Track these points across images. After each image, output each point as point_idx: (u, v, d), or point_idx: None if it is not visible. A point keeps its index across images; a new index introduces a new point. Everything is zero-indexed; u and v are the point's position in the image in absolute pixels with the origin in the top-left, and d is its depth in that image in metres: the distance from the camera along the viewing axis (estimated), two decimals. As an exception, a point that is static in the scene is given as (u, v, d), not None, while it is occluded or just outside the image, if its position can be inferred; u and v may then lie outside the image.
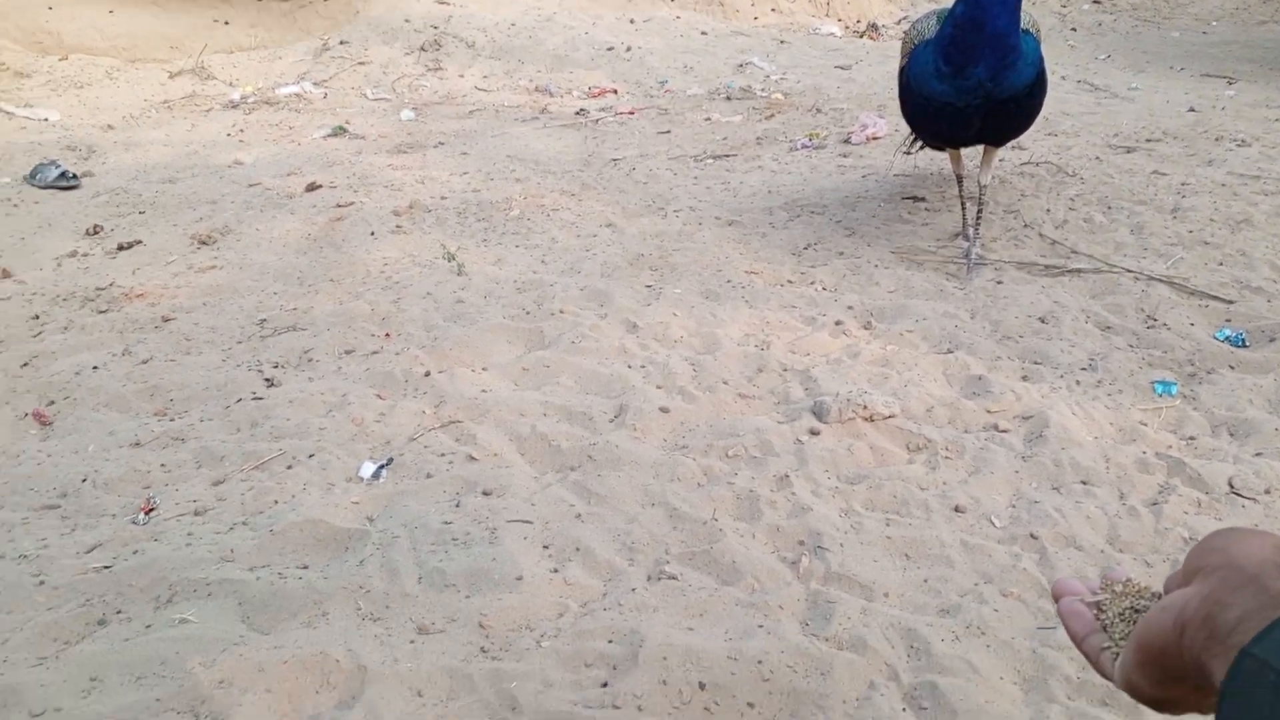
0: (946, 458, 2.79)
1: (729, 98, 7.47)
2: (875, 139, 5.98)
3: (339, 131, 6.58)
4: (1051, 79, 4.74)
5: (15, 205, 5.11)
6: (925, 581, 2.30)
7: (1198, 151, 5.42)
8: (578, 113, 7.12)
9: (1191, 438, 2.88)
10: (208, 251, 4.46)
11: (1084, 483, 2.66)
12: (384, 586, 2.23)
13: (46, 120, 6.91)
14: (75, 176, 5.49)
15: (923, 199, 4.81)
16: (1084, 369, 3.25)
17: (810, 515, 2.51)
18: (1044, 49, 4.03)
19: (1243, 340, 3.38)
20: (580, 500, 2.59)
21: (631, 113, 7.07)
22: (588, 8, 9.92)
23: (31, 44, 8.26)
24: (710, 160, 5.74)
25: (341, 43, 8.74)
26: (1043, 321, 3.56)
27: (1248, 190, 4.69)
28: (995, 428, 2.92)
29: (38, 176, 5.44)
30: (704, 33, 9.41)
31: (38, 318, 3.80)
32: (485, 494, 2.60)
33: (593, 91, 7.87)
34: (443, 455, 2.81)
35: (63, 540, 2.45)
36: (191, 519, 2.54)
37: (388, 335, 3.59)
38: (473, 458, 2.79)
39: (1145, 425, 2.95)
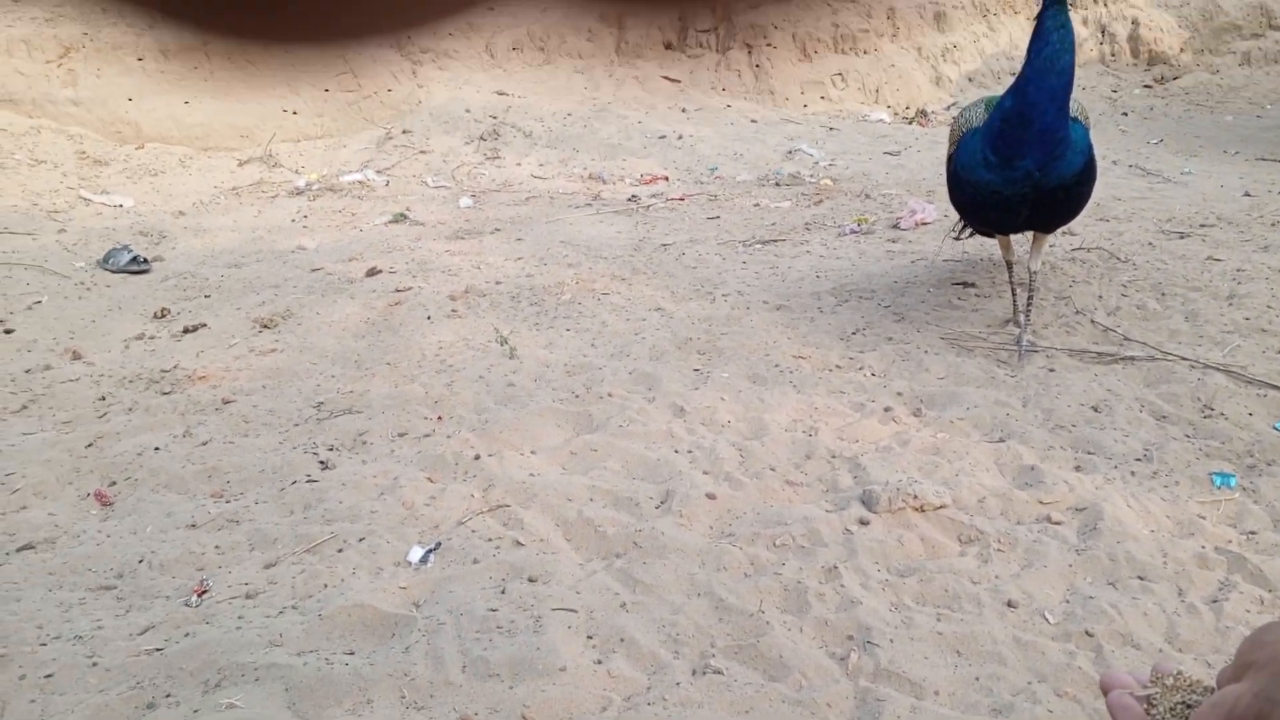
0: (999, 550, 2.74)
1: (778, 184, 7.57)
2: (924, 224, 6.01)
3: (399, 218, 6.77)
4: (1103, 164, 4.76)
5: (88, 289, 5.32)
6: (977, 679, 2.25)
7: (1253, 237, 5.36)
8: (629, 199, 7.26)
9: (1252, 532, 2.80)
10: (269, 335, 4.59)
11: (1141, 578, 2.60)
12: (428, 675, 2.24)
13: (121, 206, 7.21)
14: (146, 261, 5.71)
15: (973, 284, 4.81)
16: (1139, 459, 3.19)
17: (859, 609, 2.48)
18: (1094, 134, 4.06)
19: (1305, 431, 3.30)
20: (625, 589, 2.59)
21: (682, 199, 7.19)
22: (641, 97, 10.18)
23: (111, 134, 8.67)
24: (759, 245, 5.80)
25: (404, 132, 9.05)
26: (1096, 410, 3.51)
27: (1307, 276, 4.62)
28: (1048, 519, 2.87)
29: (110, 261, 5.67)
30: (754, 121, 9.58)
31: (104, 399, 3.92)
32: (530, 581, 2.61)
33: (644, 178, 8.03)
34: (490, 540, 2.83)
35: (117, 621, 2.50)
36: (243, 602, 2.58)
37: (440, 418, 3.65)
38: (519, 543, 2.81)
39: (1203, 518, 2.88)
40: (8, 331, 4.63)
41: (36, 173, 7.59)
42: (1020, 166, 3.70)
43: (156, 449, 3.46)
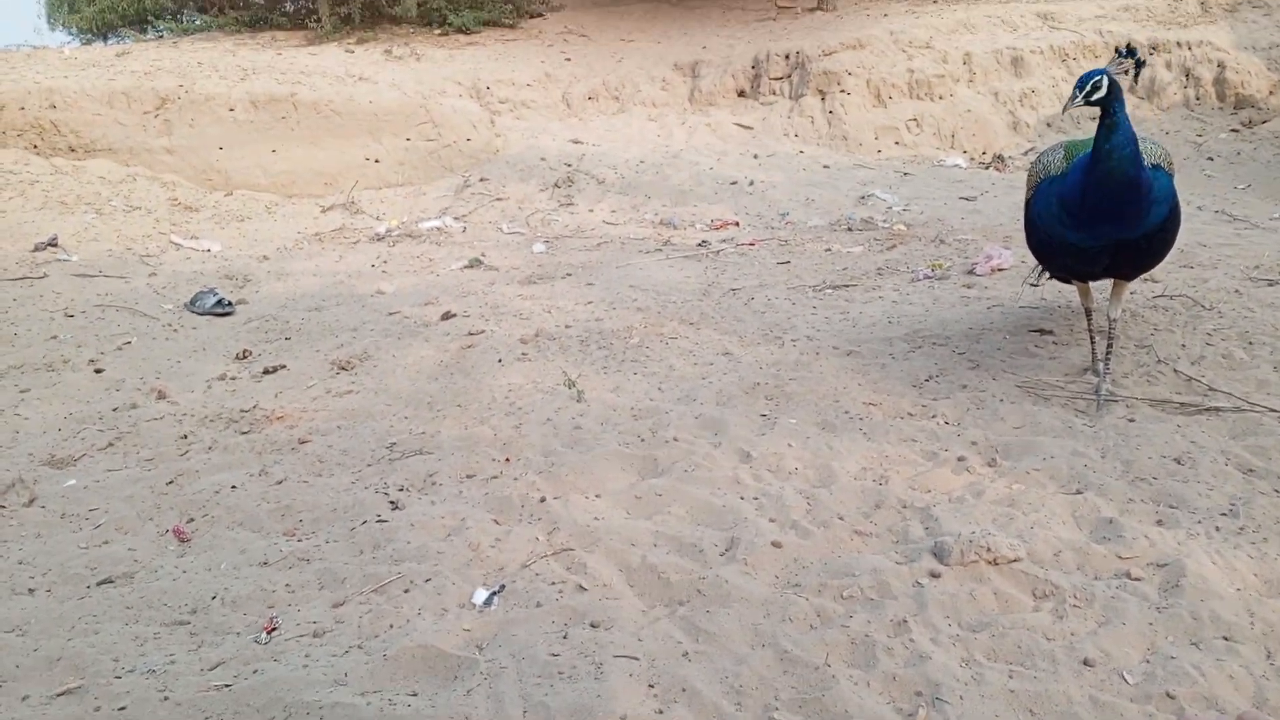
0: (1075, 606, 2.65)
1: (850, 229, 7.53)
2: (1000, 270, 5.92)
3: (475, 263, 6.91)
4: (1187, 209, 4.63)
5: (175, 330, 5.52)
6: (1050, 741, 2.17)
7: (1349, 284, 5.15)
8: (699, 244, 7.29)
9: (1350, 594, 2.66)
10: (346, 377, 4.70)
11: (1226, 639, 2.48)
12: (489, 718, 2.24)
13: (209, 251, 7.49)
14: (231, 304, 5.91)
15: (1050, 332, 4.71)
16: (1224, 514, 3.06)
17: (929, 664, 2.41)
18: (1178, 180, 3.97)
19: (1406, 488, 3.13)
20: (688, 638, 2.56)
21: (752, 244, 7.20)
22: (713, 144, 10.26)
23: (202, 181, 9.04)
24: (829, 290, 5.77)
25: (481, 180, 9.25)
26: (1178, 463, 3.39)
27: (1407, 325, 4.41)
28: (1128, 575, 2.77)
29: (197, 304, 5.87)
30: (826, 166, 9.58)
31: (186, 437, 4.05)
32: (593, 626, 2.60)
33: (715, 224, 8.06)
34: (553, 584, 2.83)
35: (189, 656, 2.55)
36: (310, 640, 2.62)
37: (508, 460, 3.68)
38: (582, 587, 2.80)
39: (1296, 578, 2.74)
40: (98, 371, 4.82)
41: (131, 218, 7.93)
42: (1099, 230, 3.66)
43: (233, 487, 3.55)
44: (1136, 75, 3.77)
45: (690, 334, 5.05)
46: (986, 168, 9.99)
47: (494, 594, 2.80)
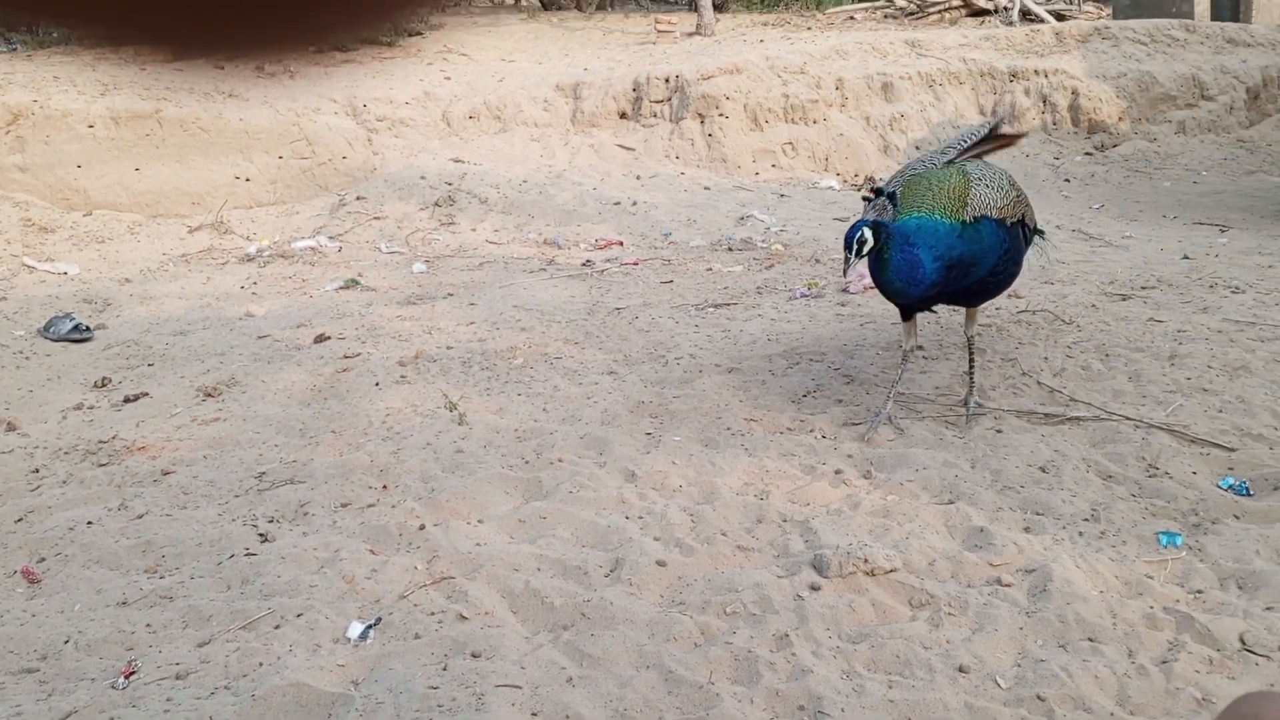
0: (950, 614, 2.71)
1: (730, 249, 7.64)
2: (872, 289, 6.07)
3: (351, 284, 6.73)
4: (1046, 228, 4.84)
5: (27, 358, 5.20)
6: (928, 749, 2.21)
7: (1192, 299, 5.48)
8: (584, 264, 7.28)
9: (1199, 591, 2.80)
10: (213, 404, 4.50)
11: (1091, 640, 2.58)
12: (364, 756, 2.15)
13: (66, 274, 7.10)
14: (89, 329, 5.61)
15: (920, 347, 4.85)
16: (1086, 520, 3.20)
17: (811, 678, 2.43)
18: (1038, 200, 4.16)
19: (1246, 489, 3.33)
20: (572, 662, 2.52)
21: (636, 263, 7.23)
22: (596, 165, 10.28)
23: (58, 200, 8.56)
24: (711, 309, 5.83)
25: (358, 198, 9.04)
26: (1043, 471, 3.53)
27: (1244, 337, 4.71)
28: (999, 582, 2.86)
29: (51, 329, 5.55)
30: (707, 188, 9.71)
31: (38, 471, 3.81)
32: (474, 656, 2.54)
33: (599, 243, 8.07)
34: (433, 614, 2.75)
35: (37, 707, 2.38)
36: (173, 683, 2.48)
37: (385, 487, 3.57)
38: (463, 616, 2.74)
39: (1151, 578, 2.88)
40: (-60, 403, 4.50)
41: (-21, 240, 7.46)
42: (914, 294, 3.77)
43: (90, 523, 3.35)
44: (894, 206, 3.81)
45: (575, 354, 5.02)
46: (858, 190, 10.29)
47: (370, 627, 2.70)
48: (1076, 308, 5.36)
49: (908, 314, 4.01)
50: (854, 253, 3.54)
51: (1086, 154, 11.42)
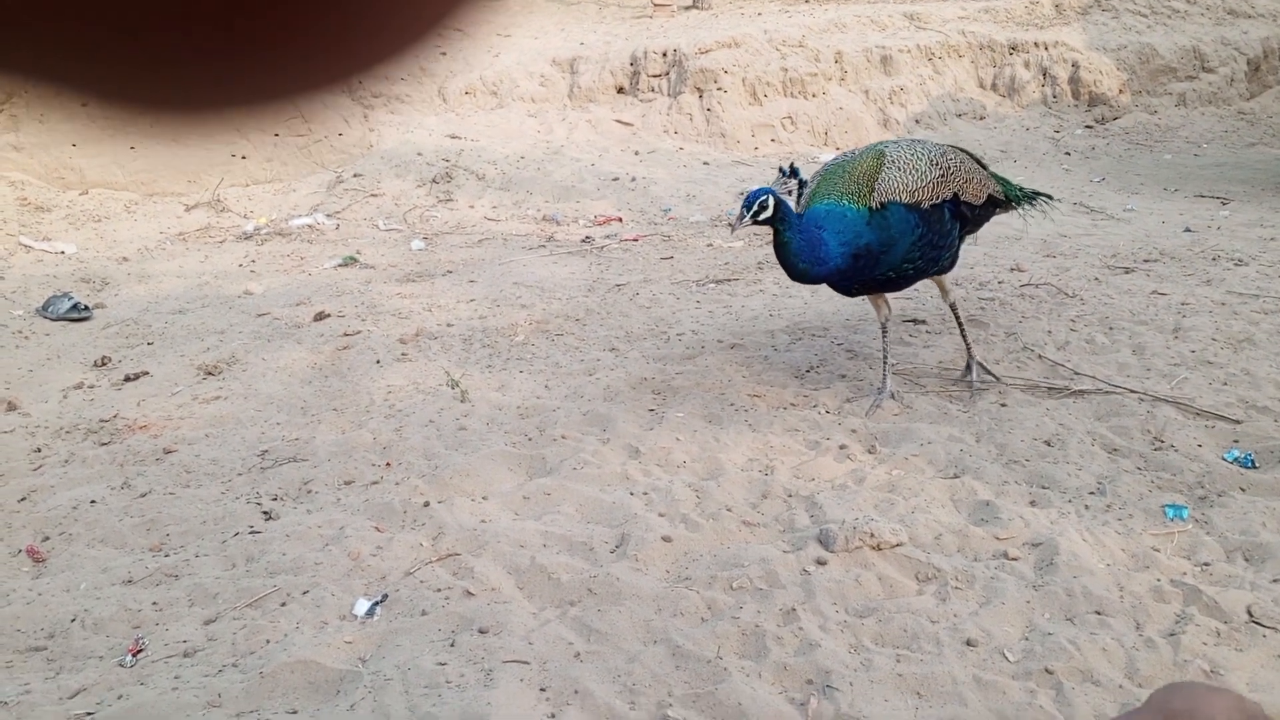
0: (956, 588, 2.71)
1: (730, 224, 7.60)
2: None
3: (350, 261, 6.69)
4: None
5: (26, 338, 5.17)
6: (938, 722, 2.21)
7: (1195, 271, 5.46)
8: (583, 240, 7.25)
9: (1206, 564, 2.80)
10: (213, 382, 4.48)
11: (1098, 613, 2.58)
12: (374, 732, 2.15)
13: (63, 253, 7.05)
14: (87, 308, 5.58)
15: (924, 321, 4.84)
16: (1092, 493, 3.20)
17: (818, 652, 2.43)
18: (1038, 173, 4.13)
19: (1252, 461, 3.33)
20: (580, 638, 2.52)
21: (636, 240, 7.19)
22: (594, 140, 10.22)
23: (54, 179, 8.51)
24: (713, 285, 5.80)
25: (355, 175, 8.98)
26: (1048, 444, 3.52)
27: (1247, 309, 4.70)
28: (1005, 555, 2.86)
29: (50, 309, 5.52)
30: (706, 163, 9.65)
31: (39, 451, 3.79)
32: (481, 632, 2.53)
33: (598, 220, 8.03)
34: (439, 590, 2.75)
35: (46, 685, 2.38)
36: (180, 660, 2.47)
37: (388, 465, 3.56)
38: (470, 593, 2.73)
39: (1158, 551, 2.88)
40: (-61, 383, 4.47)
41: (-25, 220, 7.41)
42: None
43: (93, 502, 3.34)
44: (800, 192, 3.82)
45: (576, 330, 5.00)
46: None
47: (376, 604, 2.70)
48: (1079, 281, 5.34)
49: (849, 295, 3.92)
50: (750, 214, 3.48)
51: (1087, 127, 11.37)
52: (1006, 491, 3.22)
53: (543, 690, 2.31)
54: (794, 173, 3.86)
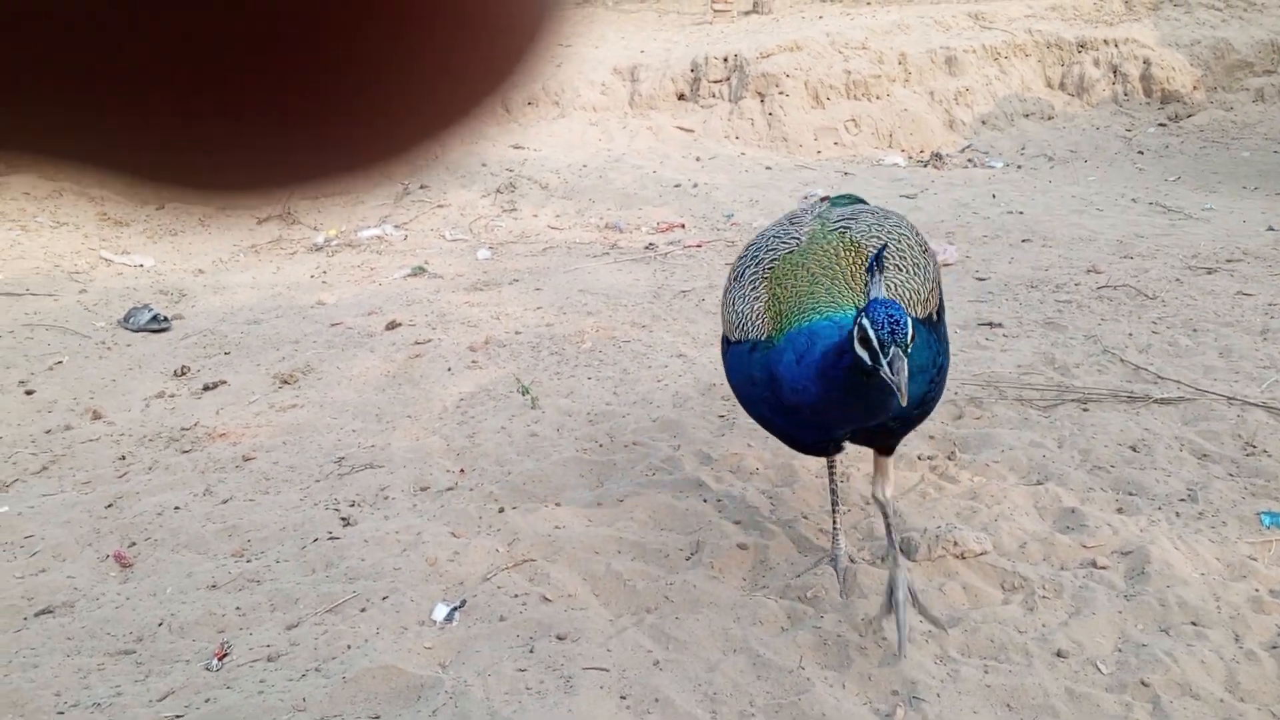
0: (1044, 597, 2.64)
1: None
2: (946, 265, 5.96)
3: (418, 271, 6.77)
4: (1120, 202, 4.69)
5: (109, 348, 5.31)
6: (1030, 735, 2.15)
7: (1283, 271, 5.28)
8: (646, 247, 7.25)
9: (1309, 574, 2.69)
10: (289, 390, 4.55)
11: (1194, 624, 2.49)
12: (457, 738, 2.15)
13: (141, 266, 7.25)
14: (166, 319, 5.71)
15: (1000, 325, 4.74)
16: (1183, 500, 3.09)
17: (903, 662, 2.38)
18: (1110, 172, 4.02)
19: (1354, 468, 3.20)
20: (658, 646, 2.50)
21: (699, 246, 7.17)
22: (655, 148, 10.23)
23: (131, 195, 8.75)
24: (780, 290, 5.75)
25: (421, 187, 9.10)
26: (1134, 450, 3.42)
27: (1342, 309, 4.53)
28: (1093, 564, 2.78)
29: (131, 320, 5.67)
30: (768, 167, 9.60)
31: (124, 458, 3.88)
32: (559, 639, 2.53)
33: (661, 226, 8.02)
34: (516, 596, 2.75)
35: (136, 687, 2.42)
36: (264, 664, 2.51)
37: (462, 471, 3.58)
38: (546, 599, 2.73)
39: (1255, 560, 2.77)
40: (29, 393, 4.61)
41: (58, 235, 7.65)
42: (830, 423, 2.44)
43: (176, 508, 3.41)
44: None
45: (643, 337, 5.00)
46: (925, 166, 10.11)
47: (455, 609, 2.71)
48: (1159, 282, 5.19)
49: (817, 454, 2.72)
50: (905, 349, 2.03)
51: (1160, 125, 11.08)
52: (1092, 498, 3.13)
53: (623, 698, 2.30)
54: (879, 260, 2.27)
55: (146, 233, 8.11)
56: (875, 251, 2.30)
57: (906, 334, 1.97)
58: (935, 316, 2.52)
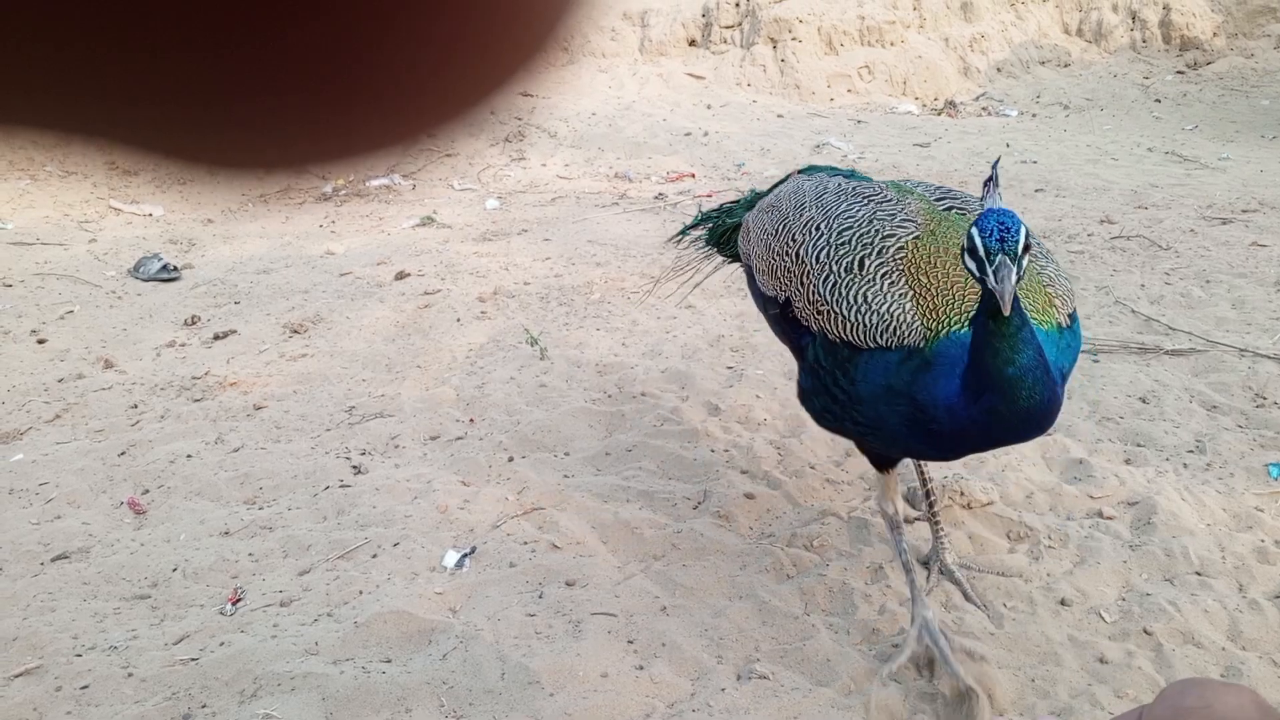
0: (1049, 547, 2.66)
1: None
2: (958, 216, 5.91)
3: (427, 221, 6.75)
4: (1137, 150, 4.64)
5: (120, 297, 5.33)
6: (1033, 681, 2.17)
7: (1300, 221, 5.22)
8: (656, 197, 7.20)
9: (1315, 525, 2.70)
10: (299, 340, 4.57)
11: (1199, 574, 2.51)
12: (467, 682, 2.19)
13: (151, 215, 7.24)
14: (176, 269, 5.72)
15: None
16: (1191, 451, 3.09)
17: (909, 609, 2.40)
18: (1127, 121, 3.95)
19: (1365, 419, 3.19)
20: (665, 592, 2.53)
21: (709, 195, 7.12)
22: (665, 95, 10.12)
23: (139, 143, 8.72)
24: (790, 241, 5.72)
25: (429, 135, 9.03)
26: (1144, 401, 3.41)
27: (1358, 260, 4.49)
28: (1099, 514, 2.79)
29: (141, 269, 5.68)
30: (780, 115, 9.50)
31: (136, 406, 3.91)
32: (568, 585, 2.56)
33: (671, 176, 7.96)
34: (525, 543, 2.78)
35: (152, 631, 2.47)
36: (278, 610, 2.55)
37: (472, 420, 3.60)
38: (555, 546, 2.76)
39: (1261, 511, 2.78)
40: (41, 341, 4.64)
41: (67, 184, 7.64)
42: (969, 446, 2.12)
43: (189, 456, 3.44)
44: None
45: (652, 288, 4.98)
46: (939, 114, 9.99)
47: (465, 556, 2.74)
48: (1173, 233, 5.14)
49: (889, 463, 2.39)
50: (1015, 257, 1.81)
51: (1178, 72, 10.90)
52: (1100, 449, 3.13)
53: (630, 642, 2.33)
54: (994, 173, 2.07)
55: (155, 181, 8.09)
56: (993, 163, 2.15)
57: (1018, 241, 1.80)
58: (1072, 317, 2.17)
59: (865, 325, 2.11)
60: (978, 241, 1.83)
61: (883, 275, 2.14)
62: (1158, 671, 2.17)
